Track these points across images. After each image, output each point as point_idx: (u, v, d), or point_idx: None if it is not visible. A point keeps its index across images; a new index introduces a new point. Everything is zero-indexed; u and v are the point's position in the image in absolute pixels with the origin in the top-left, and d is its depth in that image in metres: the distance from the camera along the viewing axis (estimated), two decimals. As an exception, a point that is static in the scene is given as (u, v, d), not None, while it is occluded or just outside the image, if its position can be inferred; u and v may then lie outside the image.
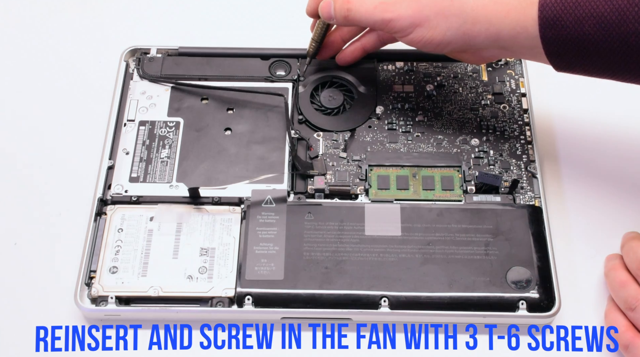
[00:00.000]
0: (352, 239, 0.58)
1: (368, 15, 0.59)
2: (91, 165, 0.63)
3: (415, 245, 0.58)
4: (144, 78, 0.67)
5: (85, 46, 0.72)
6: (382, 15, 0.58)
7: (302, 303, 0.56)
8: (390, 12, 0.57)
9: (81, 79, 0.70)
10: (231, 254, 0.58)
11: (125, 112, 0.65)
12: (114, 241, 0.58)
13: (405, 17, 0.57)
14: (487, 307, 0.56)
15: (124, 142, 0.63)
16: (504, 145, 0.63)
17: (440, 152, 0.63)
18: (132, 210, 0.60)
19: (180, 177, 0.61)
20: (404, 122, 0.65)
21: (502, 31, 0.55)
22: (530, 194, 0.61)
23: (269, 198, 0.60)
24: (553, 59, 0.55)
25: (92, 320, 0.57)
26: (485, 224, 0.59)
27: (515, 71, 0.67)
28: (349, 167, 0.62)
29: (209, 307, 0.56)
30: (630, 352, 0.53)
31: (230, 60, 0.68)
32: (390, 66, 0.68)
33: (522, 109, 0.65)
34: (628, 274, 0.55)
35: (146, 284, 0.56)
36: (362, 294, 0.56)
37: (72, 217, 0.62)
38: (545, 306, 0.56)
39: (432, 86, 0.66)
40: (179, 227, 0.59)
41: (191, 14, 0.75)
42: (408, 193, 0.61)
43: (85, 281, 0.57)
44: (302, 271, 0.57)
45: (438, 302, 0.56)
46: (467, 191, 0.61)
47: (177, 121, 0.64)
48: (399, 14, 0.57)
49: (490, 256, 0.57)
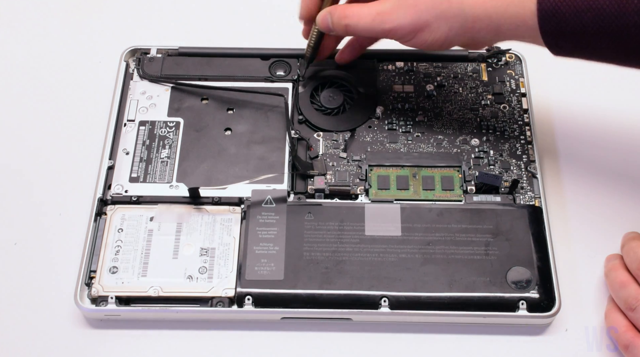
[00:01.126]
0: (352, 239, 0.58)
1: (368, 29, 0.58)
2: (91, 166, 0.63)
3: (415, 245, 0.58)
4: (144, 78, 0.67)
5: (85, 46, 0.72)
6: (382, 27, 0.57)
7: (302, 303, 0.56)
8: (389, 22, 0.57)
9: (81, 79, 0.70)
10: (231, 254, 0.58)
11: (125, 112, 0.65)
12: (114, 241, 0.58)
13: (405, 25, 0.57)
14: (487, 307, 0.56)
15: (124, 142, 0.63)
16: (504, 145, 0.63)
17: (440, 152, 0.63)
18: (132, 210, 0.60)
19: (180, 177, 0.61)
20: (404, 122, 0.65)
21: (502, 26, 0.55)
22: (530, 194, 0.61)
23: (269, 198, 0.60)
24: (553, 49, 0.55)
25: (92, 320, 0.57)
26: (485, 224, 0.59)
27: (515, 71, 0.67)
28: (349, 167, 0.62)
29: (209, 307, 0.56)
30: (630, 352, 0.53)
31: (230, 60, 0.68)
32: (390, 66, 0.68)
33: (522, 109, 0.65)
34: (628, 274, 0.55)
35: (146, 284, 0.56)
36: (362, 294, 0.56)
37: (72, 217, 0.62)
38: (545, 306, 0.56)
39: (432, 86, 0.66)
40: (179, 227, 0.59)
41: (191, 14, 0.75)
42: (408, 193, 0.61)
43: (85, 281, 0.57)
44: (302, 271, 0.57)
45: (438, 302, 0.56)
46: (467, 191, 0.61)
47: (177, 121, 0.64)
48: (399, 24, 0.57)
49: (490, 256, 0.57)
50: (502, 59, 0.68)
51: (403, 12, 0.56)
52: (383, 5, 0.57)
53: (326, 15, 0.60)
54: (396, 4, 0.57)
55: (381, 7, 0.57)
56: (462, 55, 0.68)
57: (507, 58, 0.68)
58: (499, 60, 0.68)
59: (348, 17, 0.58)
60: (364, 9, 0.58)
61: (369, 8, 0.58)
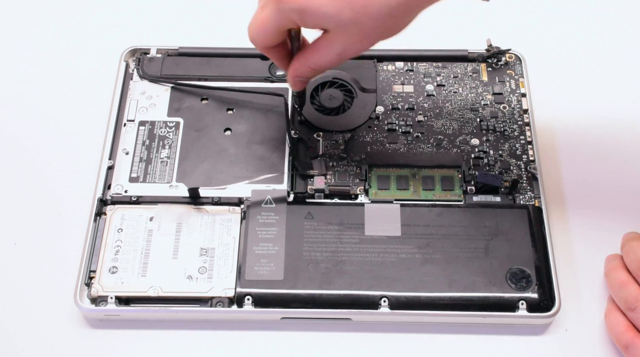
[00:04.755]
0: (352, 239, 0.58)
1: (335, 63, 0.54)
2: (91, 166, 0.63)
3: (415, 245, 0.58)
4: (144, 78, 0.67)
5: (85, 46, 0.72)
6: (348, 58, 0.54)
7: (302, 303, 0.56)
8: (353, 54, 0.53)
9: (81, 79, 0.70)
10: (231, 254, 0.58)
11: (125, 112, 0.65)
12: (114, 241, 0.58)
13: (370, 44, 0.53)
14: (487, 307, 0.56)
15: (124, 142, 0.63)
16: (504, 146, 0.63)
17: (440, 152, 0.63)
18: (132, 210, 0.60)
19: (180, 177, 0.61)
20: (404, 122, 0.65)
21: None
22: (530, 194, 0.61)
23: (268, 198, 0.60)
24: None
25: (92, 320, 0.57)
26: (485, 224, 0.59)
27: (515, 71, 0.67)
28: (349, 167, 0.62)
29: (208, 307, 0.56)
30: (630, 352, 0.53)
31: (230, 60, 0.68)
32: (390, 66, 0.68)
33: (522, 109, 0.65)
34: (628, 275, 0.55)
35: (146, 284, 0.56)
36: (362, 294, 0.56)
37: (72, 217, 0.62)
38: (545, 306, 0.56)
39: (432, 86, 0.66)
40: (179, 227, 0.59)
41: (191, 14, 0.75)
42: (408, 193, 0.61)
43: (85, 281, 0.57)
44: (301, 271, 0.57)
45: (438, 302, 0.56)
46: (467, 191, 0.61)
47: (177, 121, 0.64)
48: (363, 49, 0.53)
49: (490, 256, 0.57)
50: (502, 59, 0.68)
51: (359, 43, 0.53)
52: (337, 45, 0.53)
53: (294, 78, 0.57)
54: (347, 39, 0.52)
55: (337, 48, 0.53)
56: (462, 56, 0.68)
57: (507, 58, 0.68)
58: (499, 60, 0.68)
59: (309, 61, 0.55)
60: (324, 55, 0.54)
61: (327, 54, 0.54)
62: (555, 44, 0.72)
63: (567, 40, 0.72)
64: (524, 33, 0.72)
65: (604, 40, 0.72)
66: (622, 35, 0.73)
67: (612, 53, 0.71)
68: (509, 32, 0.71)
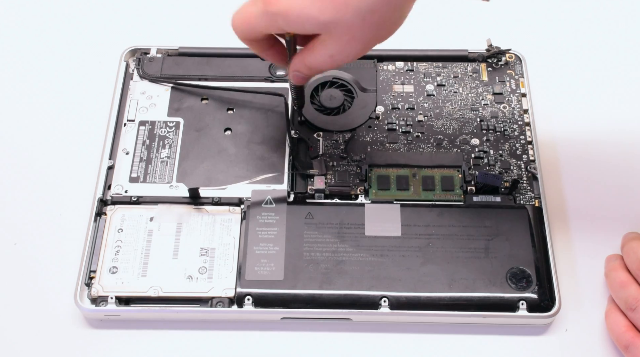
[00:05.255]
0: (352, 239, 0.58)
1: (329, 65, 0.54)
2: (91, 166, 0.63)
3: (415, 245, 0.58)
4: (144, 78, 0.67)
5: (85, 46, 0.72)
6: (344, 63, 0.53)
7: (302, 303, 0.56)
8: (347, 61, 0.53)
9: (81, 79, 0.70)
10: (231, 254, 0.58)
11: (125, 112, 0.65)
12: (114, 241, 0.58)
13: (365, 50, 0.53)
14: (487, 307, 0.56)
15: (124, 142, 0.63)
16: (504, 146, 0.63)
17: (440, 152, 0.63)
18: (132, 210, 0.60)
19: (180, 177, 0.61)
20: (404, 122, 0.65)
21: None
22: (530, 194, 0.61)
23: (269, 198, 0.60)
24: None
25: (92, 320, 0.57)
26: (485, 224, 0.59)
27: (515, 71, 0.67)
28: (349, 167, 0.62)
29: (209, 307, 0.56)
30: (630, 352, 0.53)
31: (230, 60, 0.68)
32: (390, 66, 0.68)
33: (522, 109, 0.65)
34: (628, 275, 0.55)
35: (146, 284, 0.56)
36: (362, 294, 0.56)
37: (72, 217, 0.62)
38: (545, 306, 0.56)
39: (432, 86, 0.66)
40: (179, 227, 0.59)
41: (191, 14, 0.75)
42: (408, 193, 0.61)
43: (85, 281, 0.57)
44: (302, 271, 0.57)
45: (438, 302, 0.56)
46: (467, 191, 0.61)
47: (177, 121, 0.64)
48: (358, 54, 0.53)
49: (490, 256, 0.57)
50: (502, 59, 0.68)
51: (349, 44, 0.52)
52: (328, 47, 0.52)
53: (293, 72, 0.56)
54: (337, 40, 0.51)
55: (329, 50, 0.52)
56: (462, 56, 0.68)
57: (507, 58, 0.68)
58: (499, 60, 0.68)
59: (305, 60, 0.54)
60: (317, 57, 0.53)
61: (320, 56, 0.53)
62: (555, 44, 0.72)
63: (568, 40, 0.72)
64: (524, 33, 0.72)
65: (604, 40, 0.72)
66: (622, 35, 0.73)
67: (612, 53, 0.71)
68: (509, 32, 0.71)
